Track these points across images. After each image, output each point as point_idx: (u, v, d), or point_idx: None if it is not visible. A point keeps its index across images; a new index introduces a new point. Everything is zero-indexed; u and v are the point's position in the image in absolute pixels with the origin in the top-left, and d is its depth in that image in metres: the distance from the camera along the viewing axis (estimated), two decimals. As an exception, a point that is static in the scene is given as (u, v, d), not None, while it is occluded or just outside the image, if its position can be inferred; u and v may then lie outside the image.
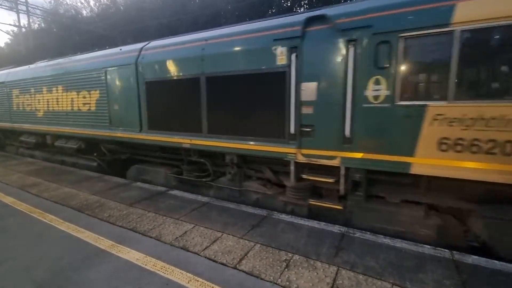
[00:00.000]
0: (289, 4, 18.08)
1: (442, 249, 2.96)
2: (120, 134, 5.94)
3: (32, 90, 7.90)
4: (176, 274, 2.65)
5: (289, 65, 3.79)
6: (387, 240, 3.15)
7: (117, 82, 5.78)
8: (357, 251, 2.96)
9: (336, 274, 2.60)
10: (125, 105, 5.71)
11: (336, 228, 3.48)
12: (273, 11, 17.44)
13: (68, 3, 25.54)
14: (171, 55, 5.03)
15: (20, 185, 5.67)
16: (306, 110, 3.75)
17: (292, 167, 4.02)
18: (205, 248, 3.10)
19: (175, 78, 4.96)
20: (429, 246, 3.01)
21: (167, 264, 2.81)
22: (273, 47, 3.90)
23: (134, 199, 4.71)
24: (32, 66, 8.46)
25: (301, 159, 3.87)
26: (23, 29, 23.11)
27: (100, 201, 4.67)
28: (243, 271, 2.67)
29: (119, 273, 2.71)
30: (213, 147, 4.67)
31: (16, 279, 2.70)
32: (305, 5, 18.16)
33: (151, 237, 3.38)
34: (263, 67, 4.01)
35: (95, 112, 6.30)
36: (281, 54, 3.85)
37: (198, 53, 4.63)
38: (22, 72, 8.48)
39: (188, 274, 2.64)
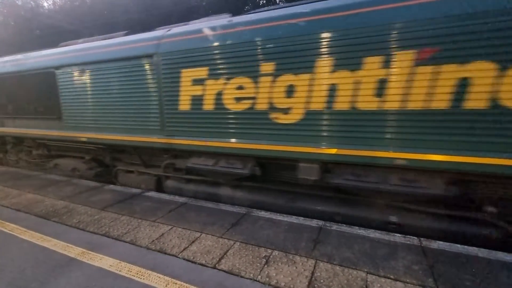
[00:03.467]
0: (264, 2, 18.13)
1: (411, 236, 3.15)
2: None
3: (262, 68, 3.63)
4: (153, 279, 2.56)
5: None
6: (361, 231, 3.28)
7: None
8: (334, 243, 3.06)
9: (314, 267, 2.67)
10: None
11: (314, 222, 3.56)
12: (248, 7, 17.39)
13: (27, -6, 23.53)
14: None
15: (-25, 193, 5.17)
16: None
17: None
18: (183, 249, 3.03)
19: None
20: (399, 235, 3.18)
21: (144, 269, 2.71)
22: None
23: (106, 202, 4.48)
24: (250, 15, 4.04)
25: None
26: (-26, 22, 20.95)
27: (68, 206, 4.39)
28: (223, 271, 2.64)
29: (92, 281, 2.57)
30: None
31: (-29, 297, 2.46)
32: (281, 2, 18.30)
33: (125, 242, 3.24)
34: None
35: None
36: None
37: None
38: (240, 32, 3.81)
39: (166, 278, 2.57)
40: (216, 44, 3.94)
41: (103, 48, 5.11)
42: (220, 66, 3.93)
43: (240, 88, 3.85)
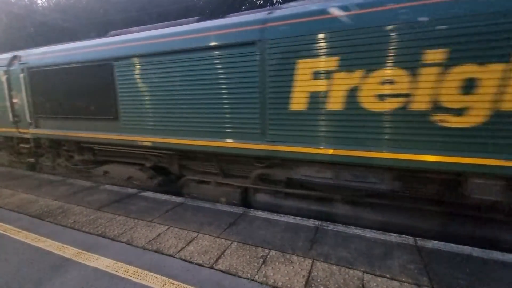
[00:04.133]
0: (261, 2, 18.15)
1: (407, 236, 3.18)
2: None
3: (426, 56, 2.89)
4: (149, 279, 2.55)
5: None
6: (358, 231, 3.31)
7: None
8: (330, 243, 3.07)
9: (311, 266, 2.68)
10: None
11: (310, 222, 3.57)
12: (245, 8, 17.38)
13: (21, -9, 23.20)
14: None
15: (-33, 193, 5.08)
16: None
17: None
18: (180, 249, 3.02)
19: None
20: (395, 234, 3.21)
21: (140, 269, 2.69)
22: None
23: (102, 202, 4.44)
24: None
25: None
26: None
27: (63, 206, 4.34)
28: (220, 270, 2.64)
29: (87, 282, 2.54)
30: None
31: (-36, 298, 2.42)
32: (278, 3, 18.34)
33: (121, 242, 3.21)
34: None
35: None
36: None
37: None
38: None
39: (163, 278, 2.56)
40: (352, 27, 3.11)
41: (177, 36, 4.21)
42: (358, 55, 3.10)
43: (387, 82, 3.01)
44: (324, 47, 3.25)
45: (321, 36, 3.25)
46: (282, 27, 3.49)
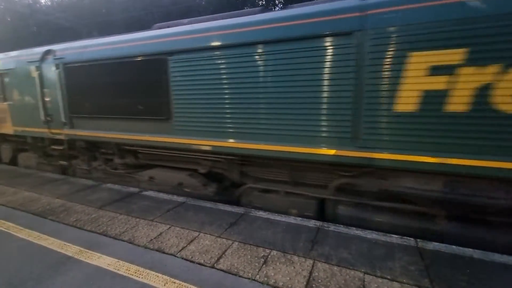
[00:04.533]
0: (264, 2, 18.16)
1: (408, 237, 3.18)
2: None
3: None
4: (151, 278, 2.56)
5: None
6: (359, 232, 3.31)
7: None
8: (331, 244, 3.08)
9: (312, 267, 2.69)
10: None
11: (311, 223, 3.58)
12: (247, 7, 17.39)
13: (24, -10, 23.30)
14: None
15: (-30, 191, 5.11)
16: None
17: None
18: (182, 249, 3.03)
19: None
20: (396, 236, 3.21)
21: (142, 268, 2.71)
22: None
23: (104, 201, 4.46)
24: None
25: None
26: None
27: (65, 205, 4.36)
28: (221, 270, 2.65)
29: (89, 280, 2.56)
30: None
31: (-33, 295, 2.44)
32: (280, 4, 18.35)
33: (123, 241, 3.23)
34: None
35: None
36: None
37: None
38: None
39: (164, 277, 2.57)
40: (491, 13, 2.57)
41: (249, 27, 3.68)
42: (495, 47, 2.58)
43: None
44: (448, 37, 2.71)
45: (444, 24, 2.71)
46: (389, 15, 2.95)
